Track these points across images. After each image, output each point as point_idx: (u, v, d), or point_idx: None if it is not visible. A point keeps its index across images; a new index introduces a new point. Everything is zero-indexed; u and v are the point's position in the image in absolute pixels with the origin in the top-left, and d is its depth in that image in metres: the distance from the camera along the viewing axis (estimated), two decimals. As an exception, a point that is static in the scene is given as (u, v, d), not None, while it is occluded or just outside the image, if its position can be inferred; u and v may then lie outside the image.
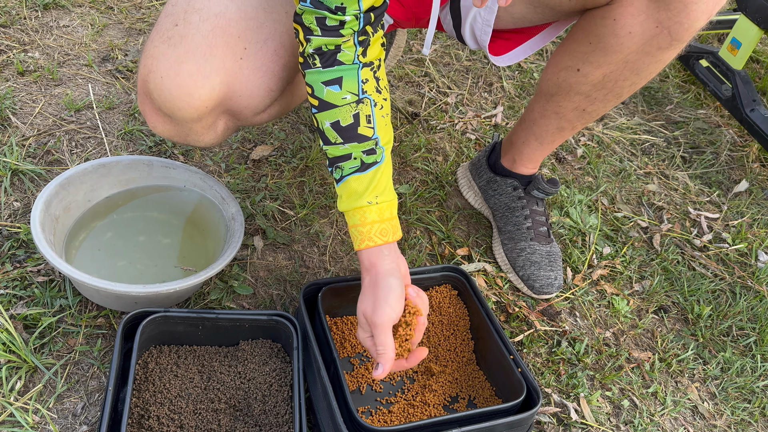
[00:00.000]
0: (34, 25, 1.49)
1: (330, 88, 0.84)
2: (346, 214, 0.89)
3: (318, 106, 0.86)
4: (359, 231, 0.87)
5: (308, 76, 0.85)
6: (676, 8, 0.87)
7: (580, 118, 1.09)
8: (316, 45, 0.82)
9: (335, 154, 0.87)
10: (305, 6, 0.80)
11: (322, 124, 0.87)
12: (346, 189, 0.87)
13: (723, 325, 1.30)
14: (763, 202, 1.63)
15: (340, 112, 0.85)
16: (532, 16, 1.03)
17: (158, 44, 0.87)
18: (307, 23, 0.81)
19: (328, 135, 0.87)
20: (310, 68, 0.84)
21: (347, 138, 0.86)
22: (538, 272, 1.22)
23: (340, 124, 0.86)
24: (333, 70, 0.84)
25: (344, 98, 0.85)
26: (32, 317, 0.96)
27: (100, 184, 1.09)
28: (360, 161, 0.86)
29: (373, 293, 0.85)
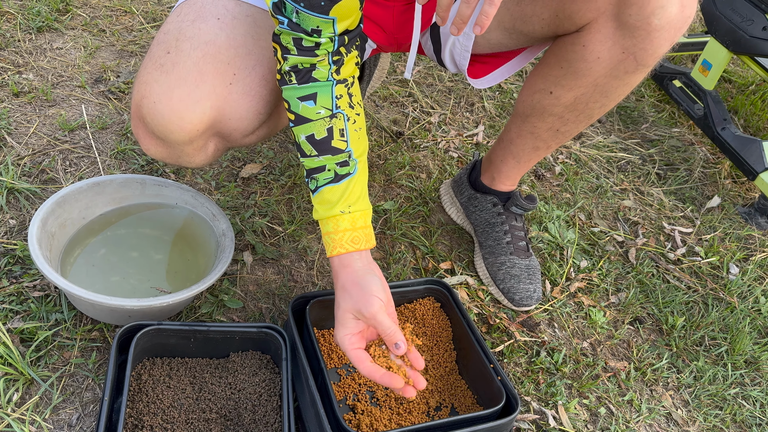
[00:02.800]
0: (28, 48, 1.53)
1: (305, 103, 0.90)
2: (320, 223, 0.94)
3: (294, 120, 0.91)
4: (332, 238, 0.92)
5: (285, 92, 0.91)
6: (640, 36, 0.93)
7: (555, 138, 1.14)
8: (292, 63, 0.88)
9: (311, 165, 0.92)
10: (283, 28, 0.86)
11: (298, 138, 0.92)
12: (320, 199, 0.92)
13: (696, 336, 1.35)
14: (734, 217, 1.69)
15: (314, 126, 0.91)
16: (508, 41, 1.09)
17: (151, 71, 0.91)
18: (284, 43, 0.87)
19: (303, 148, 0.92)
20: (286, 84, 0.90)
21: (321, 150, 0.91)
22: (517, 285, 1.27)
23: (314, 137, 0.91)
24: (308, 87, 0.89)
25: (318, 113, 0.90)
26: (29, 331, 0.99)
27: (94, 201, 1.12)
28: (334, 173, 0.92)
29: (353, 289, 0.89)
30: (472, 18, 1.02)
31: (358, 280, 0.89)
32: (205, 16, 0.94)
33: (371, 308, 0.86)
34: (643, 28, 0.92)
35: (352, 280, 0.90)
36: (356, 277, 0.90)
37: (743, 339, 1.34)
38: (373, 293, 0.87)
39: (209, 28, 0.93)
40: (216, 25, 0.93)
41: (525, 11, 1.02)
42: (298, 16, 0.84)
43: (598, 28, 0.95)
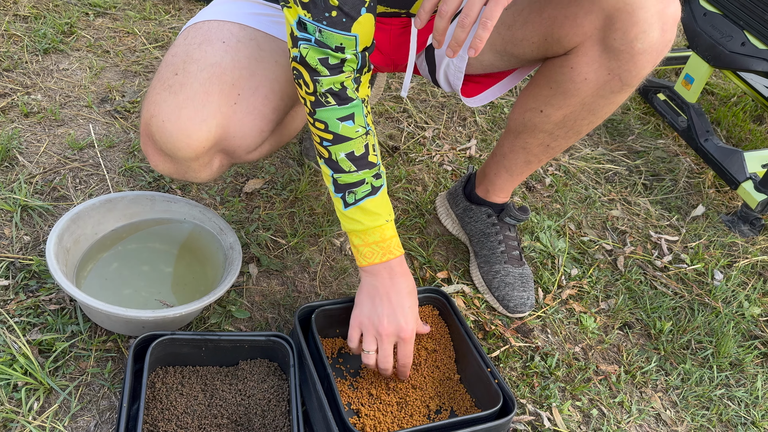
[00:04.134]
0: (36, 69, 1.58)
1: (345, 123, 0.94)
2: (361, 234, 0.99)
3: (332, 139, 0.95)
4: (380, 246, 0.99)
5: (321, 114, 0.94)
6: (625, 58, 0.99)
7: (545, 153, 1.21)
8: (327, 85, 0.92)
9: (348, 180, 0.97)
10: (310, 45, 0.89)
11: (337, 155, 0.96)
12: (362, 211, 0.98)
13: (683, 339, 1.41)
14: (718, 225, 1.76)
15: (354, 144, 0.95)
16: (500, 63, 1.15)
17: (160, 91, 0.96)
18: (312, 64, 0.90)
19: (342, 165, 0.96)
20: (323, 106, 0.93)
21: (360, 166, 0.97)
22: (512, 293, 1.33)
23: (354, 154, 0.96)
24: (347, 108, 0.94)
25: (357, 131, 0.95)
26: (47, 342, 1.04)
27: (106, 218, 1.17)
28: (371, 185, 0.98)
29: (395, 300, 1.01)
30: (467, 41, 1.08)
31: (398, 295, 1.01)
32: (212, 39, 1.00)
33: (405, 333, 1.01)
34: (627, 52, 0.98)
35: (393, 292, 1.01)
36: (396, 289, 1.01)
37: (728, 342, 1.40)
38: (410, 321, 1.01)
39: (215, 51, 0.98)
40: (221, 48, 0.99)
41: (516, 35, 1.09)
42: (321, 34, 0.88)
43: (585, 52, 1.02)
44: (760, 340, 1.46)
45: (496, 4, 0.81)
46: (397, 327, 1.01)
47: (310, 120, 0.96)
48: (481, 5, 0.82)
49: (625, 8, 0.94)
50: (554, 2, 1.02)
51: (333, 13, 0.86)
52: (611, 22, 0.97)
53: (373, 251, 0.99)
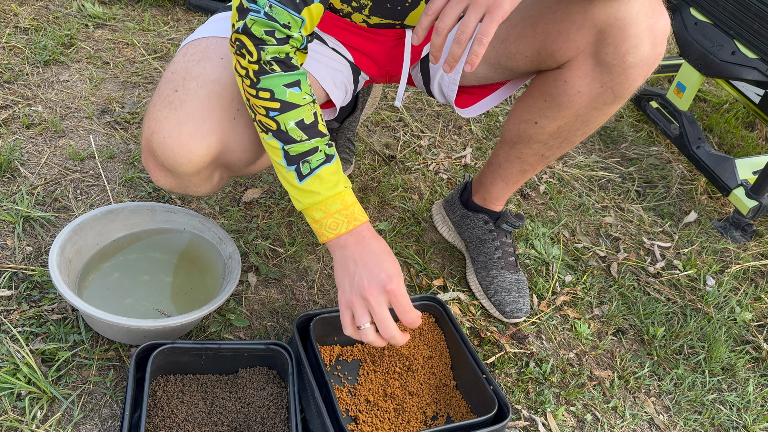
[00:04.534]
0: (36, 81, 1.60)
1: (292, 89, 0.91)
2: (321, 205, 0.94)
3: (280, 108, 0.91)
4: (344, 215, 0.94)
5: (266, 81, 0.91)
6: (617, 71, 1.02)
7: (540, 162, 1.23)
8: (272, 53, 0.90)
9: (301, 150, 0.93)
10: (258, 17, 0.88)
11: (286, 125, 0.92)
12: (319, 180, 0.93)
13: (675, 345, 1.43)
14: (710, 231, 1.79)
15: (303, 111, 0.92)
16: (493, 75, 1.18)
17: (161, 108, 0.98)
18: (258, 35, 0.88)
19: (292, 134, 0.92)
20: (268, 74, 0.90)
21: (312, 134, 0.93)
22: (508, 298, 1.35)
23: (304, 122, 0.92)
24: (292, 74, 0.92)
25: (304, 98, 0.93)
26: (49, 352, 1.06)
27: (107, 228, 1.19)
28: (324, 153, 0.94)
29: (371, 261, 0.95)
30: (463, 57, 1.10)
31: (372, 255, 0.96)
32: (210, 56, 1.02)
33: (391, 284, 0.93)
34: (619, 65, 1.01)
35: (367, 253, 0.95)
36: (370, 250, 0.96)
37: (720, 347, 1.43)
38: (392, 273, 0.95)
39: (214, 67, 1.00)
40: (221, 65, 1.01)
41: (510, 49, 1.11)
42: (271, 9, 0.88)
43: (578, 65, 1.04)
44: (752, 345, 1.48)
45: (491, 21, 0.83)
46: (380, 282, 0.94)
47: (252, 92, 0.92)
48: (477, 22, 0.85)
49: (616, 24, 0.97)
50: (547, 17, 1.05)
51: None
52: (603, 37, 0.99)
53: (338, 221, 0.95)
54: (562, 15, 1.03)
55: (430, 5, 0.88)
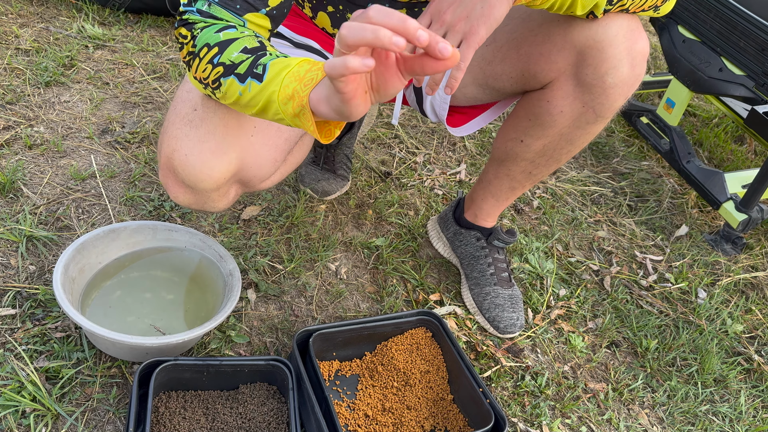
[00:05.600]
0: (38, 102, 1.63)
1: (224, 31, 0.84)
2: (289, 78, 0.77)
3: (219, 50, 0.82)
4: (316, 67, 0.76)
5: (199, 41, 0.84)
6: (597, 92, 1.05)
7: (528, 179, 1.26)
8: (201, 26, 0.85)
9: (249, 62, 0.80)
10: (194, 15, 0.85)
11: (231, 58, 0.81)
12: (274, 67, 0.78)
13: (668, 357, 1.46)
14: (701, 244, 1.82)
15: (243, 41, 0.83)
16: (482, 96, 1.21)
17: (180, 126, 0.99)
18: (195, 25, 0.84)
19: (237, 61, 0.81)
20: (200, 33, 0.84)
21: (259, 53, 0.82)
22: (502, 314, 1.37)
23: (247, 47, 0.82)
24: (219, 23, 0.85)
25: (242, 32, 0.85)
26: (53, 369, 1.07)
27: (109, 247, 1.21)
28: (275, 55, 0.81)
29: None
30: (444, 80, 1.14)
31: None
32: None
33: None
34: (599, 86, 1.04)
35: None
36: None
37: (712, 359, 1.45)
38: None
39: None
40: None
41: (495, 70, 1.15)
42: (209, 8, 0.86)
43: (560, 86, 1.08)
44: (743, 357, 1.51)
45: (468, 47, 0.87)
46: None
47: (196, 63, 0.85)
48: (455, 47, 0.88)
49: (595, 45, 1.01)
50: (529, 40, 1.09)
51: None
52: (583, 58, 1.03)
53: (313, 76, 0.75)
54: (544, 38, 1.06)
55: None
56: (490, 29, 0.86)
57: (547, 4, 0.91)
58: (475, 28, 0.86)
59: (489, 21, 0.86)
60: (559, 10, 0.93)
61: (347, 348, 1.21)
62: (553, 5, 0.91)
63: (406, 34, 0.62)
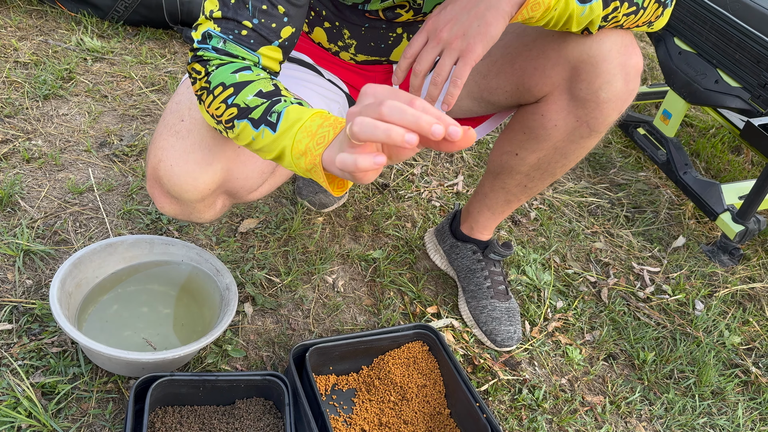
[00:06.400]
0: (36, 115, 1.64)
1: (240, 73, 0.85)
2: (301, 133, 0.77)
3: (234, 91, 0.84)
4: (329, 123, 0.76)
5: (214, 79, 0.85)
6: (591, 106, 1.06)
7: (523, 193, 1.27)
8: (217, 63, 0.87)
9: (264, 107, 0.81)
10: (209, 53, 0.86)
11: (245, 102, 0.82)
12: (288, 117, 0.79)
13: (666, 369, 1.46)
14: (699, 255, 1.82)
15: (259, 84, 0.84)
16: (477, 109, 1.22)
17: (167, 137, 1.01)
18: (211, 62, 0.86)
19: (251, 104, 0.82)
20: (216, 69, 0.86)
21: (274, 98, 0.82)
22: (499, 327, 1.37)
23: (263, 91, 0.83)
24: (236, 62, 0.86)
25: (258, 75, 0.86)
26: (49, 385, 1.07)
27: (106, 261, 1.22)
28: (289, 101, 0.82)
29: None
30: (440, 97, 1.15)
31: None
32: None
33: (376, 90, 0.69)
34: (592, 100, 1.05)
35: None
36: None
37: (709, 371, 1.45)
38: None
39: None
40: None
41: (490, 84, 1.16)
42: (224, 45, 0.88)
43: (554, 100, 1.08)
44: (741, 369, 1.50)
45: (465, 64, 0.87)
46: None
47: (209, 100, 0.86)
48: (452, 65, 0.89)
49: (589, 60, 1.01)
50: (524, 54, 1.09)
51: (243, 32, 0.87)
52: (577, 73, 1.03)
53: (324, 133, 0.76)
54: (538, 52, 1.07)
55: (407, 49, 0.92)
56: (486, 46, 0.87)
57: (542, 22, 0.91)
58: (472, 46, 0.86)
59: (485, 38, 0.86)
60: (554, 27, 0.94)
61: (344, 362, 1.21)
62: (549, 22, 0.92)
63: (420, 131, 0.61)
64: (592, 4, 0.90)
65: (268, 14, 0.88)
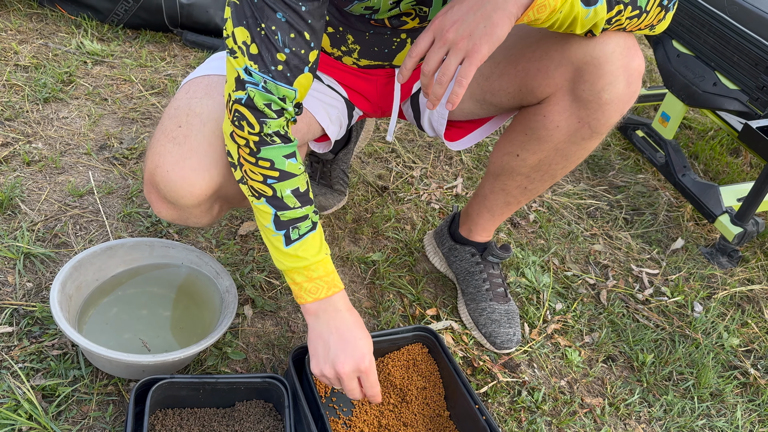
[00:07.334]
0: (36, 118, 1.64)
1: (290, 160, 0.97)
2: (304, 270, 1.00)
3: (279, 176, 0.97)
4: (325, 281, 1.01)
5: (267, 152, 0.96)
6: (593, 107, 1.06)
7: (523, 195, 1.27)
8: (275, 127, 0.95)
9: (292, 216, 0.99)
10: (257, 89, 0.92)
11: (282, 192, 0.98)
12: (305, 246, 0.99)
13: (665, 371, 1.46)
14: (697, 257, 1.82)
15: (298, 180, 0.99)
16: (479, 110, 1.22)
17: (164, 143, 1.02)
18: (260, 107, 0.94)
19: (287, 201, 0.98)
20: (269, 145, 0.96)
21: (304, 202, 0.99)
22: (498, 329, 1.38)
23: (299, 190, 0.99)
24: (290, 146, 0.98)
25: (299, 168, 0.99)
26: (50, 387, 1.08)
27: (107, 264, 1.22)
28: (311, 221, 1.00)
29: (344, 336, 1.02)
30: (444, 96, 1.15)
31: (348, 330, 1.02)
32: (212, 93, 1.06)
33: (364, 363, 1.01)
34: (595, 102, 1.05)
35: (343, 327, 1.02)
36: (345, 324, 1.02)
37: (708, 373, 1.46)
38: (366, 352, 1.02)
39: (217, 104, 1.04)
40: (222, 102, 1.05)
41: (493, 86, 1.16)
42: (266, 84, 0.92)
43: (557, 101, 1.09)
44: (740, 370, 1.51)
45: (470, 65, 0.88)
46: (355, 363, 1.01)
47: (251, 160, 0.96)
48: (457, 65, 0.89)
49: (592, 62, 1.02)
50: (527, 56, 1.10)
51: (279, 67, 0.92)
52: (580, 74, 1.04)
53: (318, 286, 1.01)
54: (542, 54, 1.07)
55: (413, 48, 0.93)
56: (492, 47, 0.87)
57: (547, 23, 0.92)
58: (478, 47, 0.87)
59: (492, 39, 0.87)
60: (559, 29, 0.94)
61: (343, 364, 1.21)
62: (554, 24, 0.92)
63: None
64: (596, 6, 0.90)
65: (296, 42, 0.91)
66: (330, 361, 1.01)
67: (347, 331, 1.02)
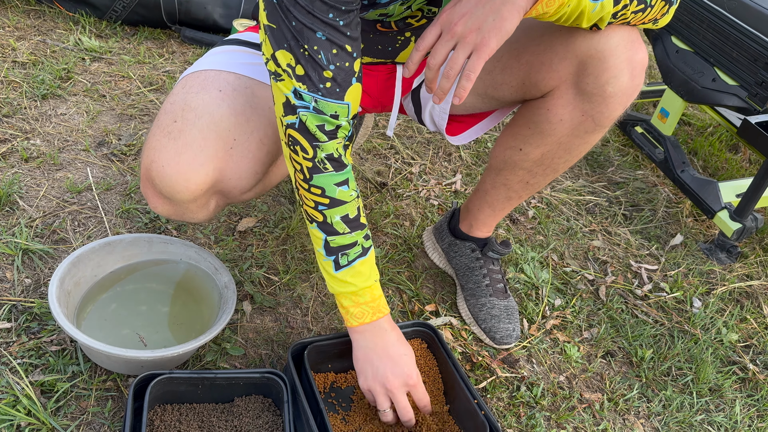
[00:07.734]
0: (34, 114, 1.64)
1: (341, 188, 0.99)
2: (352, 296, 1.04)
3: (329, 203, 0.99)
4: (371, 306, 1.04)
5: (319, 179, 0.97)
6: (597, 101, 1.06)
7: (525, 189, 1.27)
8: (327, 151, 0.96)
9: (342, 243, 1.01)
10: (308, 112, 0.93)
11: (332, 218, 1.00)
12: (354, 273, 1.02)
13: (663, 366, 1.46)
14: (696, 253, 1.83)
15: (349, 207, 1.00)
16: (481, 105, 1.22)
17: (160, 138, 1.02)
18: (312, 131, 0.94)
19: (336, 227, 1.00)
20: (321, 172, 0.97)
21: (354, 228, 1.01)
22: (498, 325, 1.38)
23: (349, 216, 1.00)
24: (343, 173, 0.98)
25: (351, 195, 1.00)
26: (48, 383, 1.07)
27: (105, 260, 1.22)
28: (361, 247, 1.03)
29: (394, 354, 1.06)
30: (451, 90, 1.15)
31: (393, 347, 1.07)
32: (209, 88, 1.06)
33: (412, 379, 1.06)
34: (599, 95, 1.05)
35: (389, 345, 1.07)
36: (391, 342, 1.06)
37: (707, 368, 1.46)
38: (411, 367, 1.07)
39: (212, 99, 1.04)
40: (218, 97, 1.05)
41: (496, 79, 1.16)
42: (317, 103, 0.93)
43: (560, 95, 1.09)
44: (738, 366, 1.51)
45: (478, 58, 0.88)
46: (404, 377, 1.06)
47: (304, 186, 0.99)
48: (465, 58, 0.89)
49: (596, 55, 1.02)
50: (531, 49, 1.10)
51: (327, 84, 0.92)
52: (584, 67, 1.04)
53: (364, 312, 1.04)
54: (546, 47, 1.07)
55: (420, 41, 0.92)
56: (500, 41, 0.87)
57: (555, 17, 0.92)
58: (486, 40, 0.87)
59: (500, 33, 0.87)
60: (565, 22, 0.94)
61: (342, 360, 1.21)
62: (561, 18, 0.92)
63: None
64: (603, 1, 0.90)
65: (339, 57, 0.91)
66: (379, 380, 1.06)
67: (392, 348, 1.06)
